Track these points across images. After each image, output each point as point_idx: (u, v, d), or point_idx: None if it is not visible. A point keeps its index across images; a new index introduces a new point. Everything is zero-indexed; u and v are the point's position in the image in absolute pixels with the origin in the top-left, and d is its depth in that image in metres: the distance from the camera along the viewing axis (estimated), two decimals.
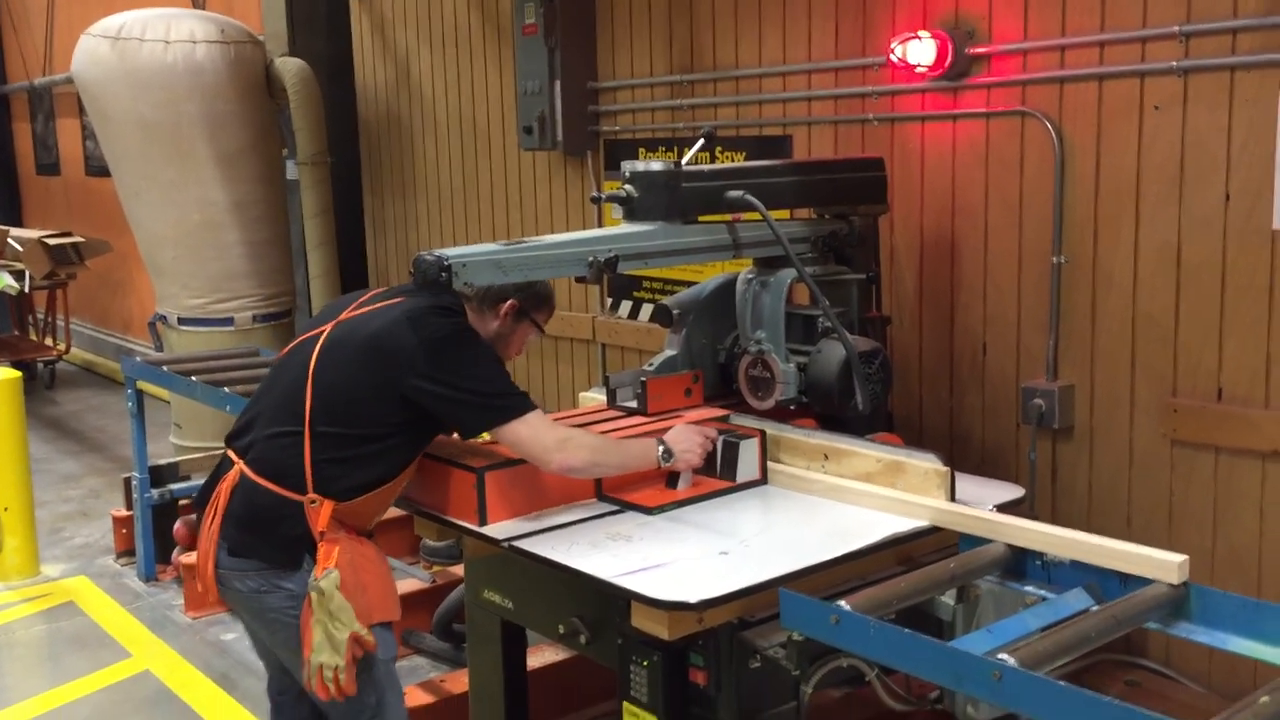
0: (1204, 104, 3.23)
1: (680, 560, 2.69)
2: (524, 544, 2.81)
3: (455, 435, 3.02)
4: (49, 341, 10.56)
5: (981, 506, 2.87)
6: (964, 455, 3.87)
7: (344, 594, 2.73)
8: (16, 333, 11.27)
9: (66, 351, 10.56)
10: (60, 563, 5.95)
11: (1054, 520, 3.63)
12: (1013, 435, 3.78)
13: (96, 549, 6.13)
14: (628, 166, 3.12)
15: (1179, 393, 3.36)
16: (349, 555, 2.80)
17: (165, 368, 5.22)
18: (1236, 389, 3.25)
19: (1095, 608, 2.45)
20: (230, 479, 2.88)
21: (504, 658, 3.32)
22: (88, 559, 6.01)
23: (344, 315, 2.99)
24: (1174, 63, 3.24)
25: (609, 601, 2.72)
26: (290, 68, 6.35)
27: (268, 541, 2.83)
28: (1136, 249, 3.42)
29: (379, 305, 2.96)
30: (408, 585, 4.85)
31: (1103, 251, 3.50)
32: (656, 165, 3.10)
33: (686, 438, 3.05)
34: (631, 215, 3.11)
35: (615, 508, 3.02)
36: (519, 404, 2.85)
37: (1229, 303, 3.24)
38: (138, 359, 5.52)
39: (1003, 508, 2.95)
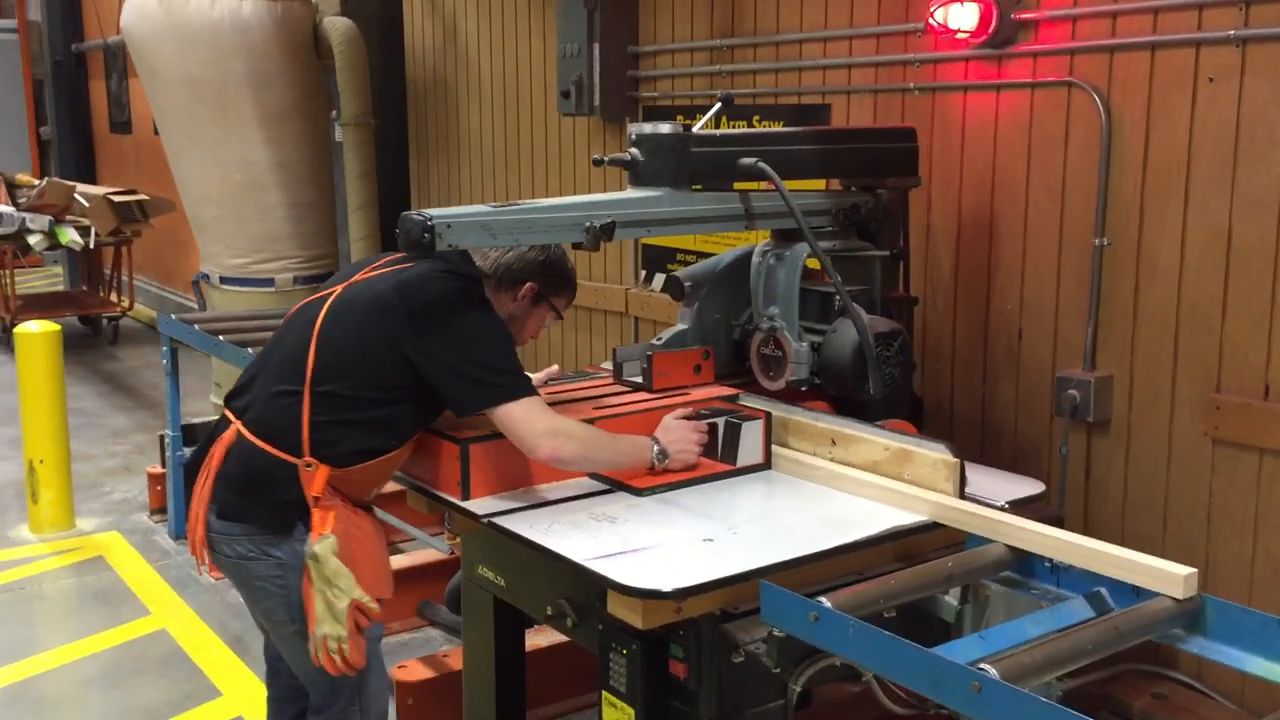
0: (1263, 76, 2.98)
1: (663, 545, 2.54)
2: (503, 520, 2.68)
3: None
4: (114, 298, 10.70)
5: (994, 502, 2.68)
6: (995, 447, 3.68)
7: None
8: (84, 288, 11.45)
9: (130, 308, 10.69)
10: (96, 517, 5.98)
11: (1086, 519, 3.44)
12: (1046, 427, 3.57)
13: (133, 505, 6.16)
14: (634, 129, 2.96)
15: (1223, 388, 3.13)
16: (343, 524, 2.71)
17: (197, 326, 5.19)
18: None
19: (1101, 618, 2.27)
20: (226, 439, 2.79)
21: (496, 636, 3.21)
22: (123, 514, 6.03)
23: (357, 277, 2.90)
24: (1232, 31, 3.01)
25: (592, 585, 2.59)
26: (338, 27, 6.27)
27: (260, 505, 2.73)
28: (1184, 232, 3.19)
29: (393, 268, 2.86)
30: (426, 555, 4.79)
31: (1148, 234, 3.27)
32: (665, 127, 2.94)
33: (682, 436, 2.91)
34: (636, 180, 2.95)
35: (605, 487, 2.88)
36: (517, 385, 2.71)
37: None
38: (173, 316, 5.50)
39: (1019, 504, 2.76)
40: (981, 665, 1.93)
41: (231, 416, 2.83)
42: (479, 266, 2.92)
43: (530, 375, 2.87)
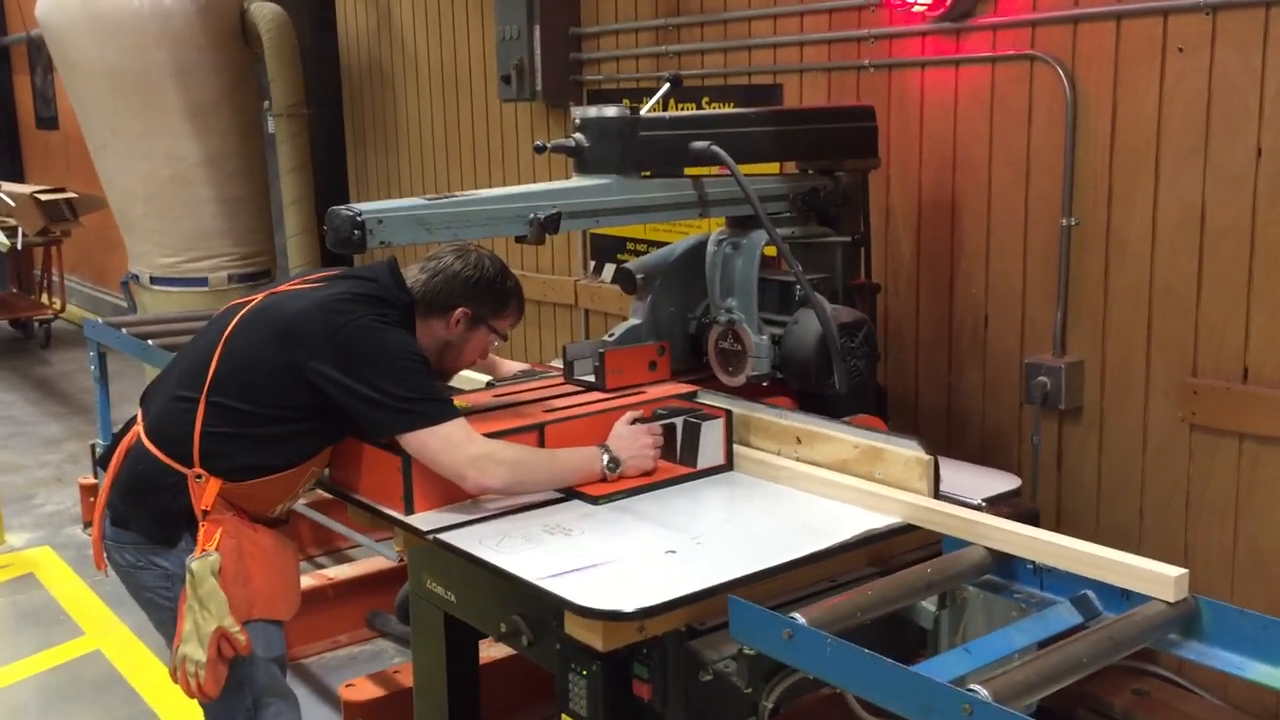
0: (1234, 45, 2.85)
1: (621, 559, 2.37)
2: (449, 537, 2.50)
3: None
4: (45, 300, 10.35)
5: (970, 500, 2.54)
6: (962, 437, 3.55)
7: (222, 582, 2.48)
8: (14, 290, 11.08)
9: (62, 310, 10.34)
10: (27, 531, 5.73)
11: (1059, 510, 3.32)
12: (1015, 416, 3.44)
13: (66, 518, 5.91)
14: (578, 113, 2.78)
15: (1200, 372, 3.02)
16: (235, 540, 2.55)
17: (125, 330, 4.94)
18: (1264, 369, 2.90)
19: (1092, 624, 2.13)
20: (127, 441, 2.68)
21: (448, 653, 3.04)
22: (55, 528, 5.78)
23: (280, 288, 2.73)
24: None
25: (547, 603, 2.41)
26: (265, 13, 6.01)
27: (145, 513, 2.60)
28: (1155, 211, 3.06)
29: (312, 285, 2.69)
30: (374, 564, 4.60)
31: (1117, 213, 3.14)
32: (611, 111, 2.77)
33: (634, 441, 2.73)
34: (582, 167, 2.78)
35: (559, 495, 2.70)
36: (432, 411, 2.52)
37: (1258, 273, 2.88)
38: (100, 320, 5.25)
39: (995, 501, 2.63)
40: (972, 686, 1.79)
41: (140, 417, 2.70)
42: (409, 287, 2.72)
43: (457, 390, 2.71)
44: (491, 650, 3.50)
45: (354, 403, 2.51)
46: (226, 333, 2.63)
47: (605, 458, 2.68)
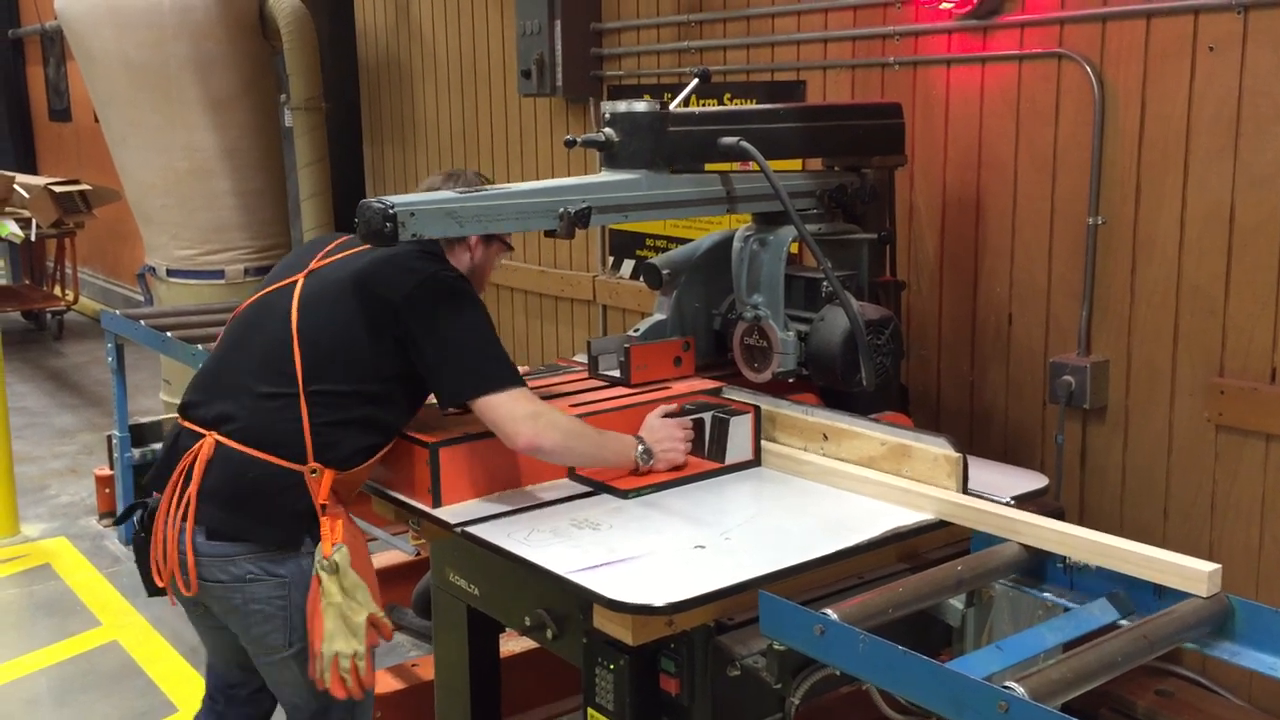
0: (1266, 44, 2.84)
1: (651, 554, 2.37)
2: (478, 530, 2.50)
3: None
4: (58, 292, 10.36)
5: (998, 497, 2.54)
6: (985, 437, 3.53)
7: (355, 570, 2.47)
8: (27, 282, 11.10)
9: (75, 302, 10.36)
10: (42, 522, 5.74)
11: (1082, 510, 3.31)
12: (1039, 415, 3.43)
13: (81, 509, 5.92)
14: (608, 107, 2.78)
15: (1226, 372, 3.00)
16: (349, 532, 2.53)
17: (143, 322, 4.95)
18: None
19: (1124, 622, 2.13)
20: (203, 453, 2.51)
21: (470, 647, 3.03)
22: (70, 519, 5.79)
23: (315, 264, 2.69)
24: None
25: (574, 596, 2.41)
26: (285, 6, 6.01)
27: (262, 520, 2.50)
28: (1183, 210, 3.05)
29: (356, 251, 2.67)
30: (390, 557, 4.59)
31: (1145, 212, 3.13)
32: (640, 106, 2.76)
33: (667, 435, 2.74)
34: (612, 162, 2.77)
35: (587, 489, 2.71)
36: (505, 374, 2.55)
37: None
38: (117, 312, 5.26)
39: (1023, 499, 2.62)
40: (1008, 684, 1.78)
41: (199, 428, 2.57)
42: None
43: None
44: (511, 644, 3.50)
45: (436, 366, 2.52)
46: (294, 319, 2.57)
47: (640, 448, 2.68)
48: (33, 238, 9.42)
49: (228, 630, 2.66)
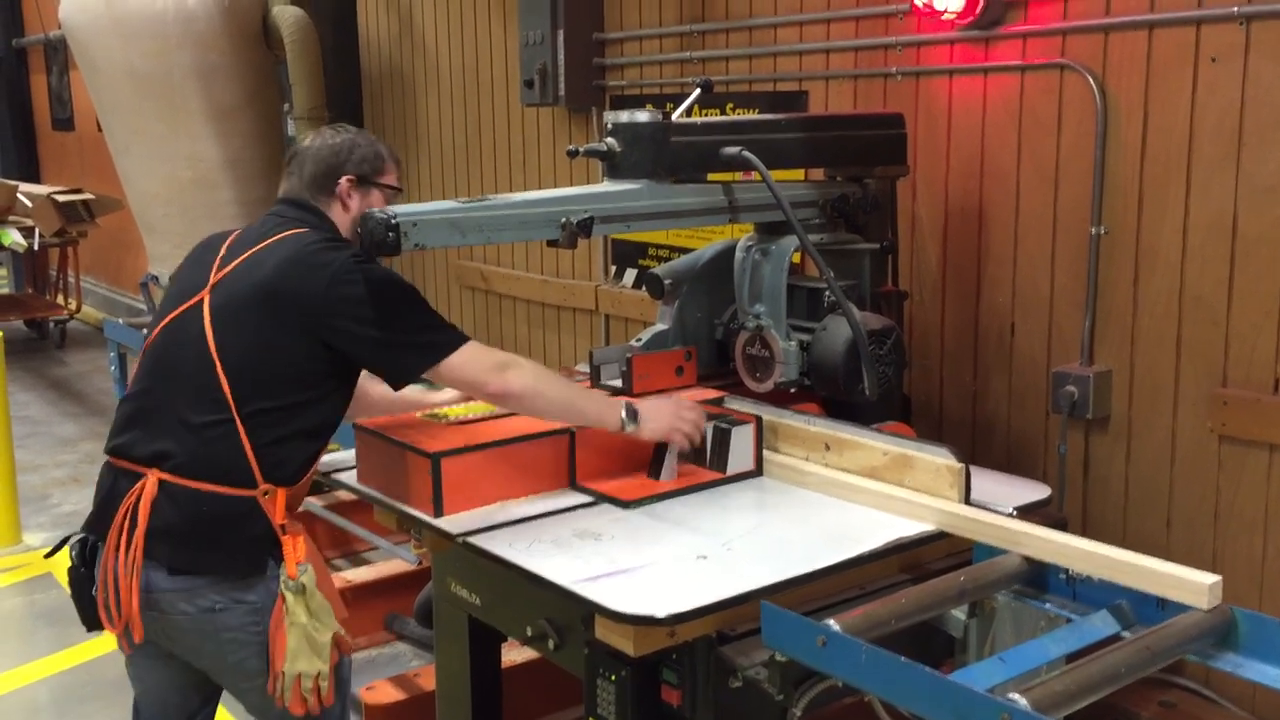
0: (1269, 55, 2.84)
1: (652, 564, 2.37)
2: (479, 540, 2.50)
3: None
4: (60, 300, 10.38)
5: (1000, 508, 2.53)
6: (987, 446, 3.53)
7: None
8: (29, 290, 11.12)
9: (78, 310, 10.38)
10: (44, 531, 5.73)
11: (1085, 520, 3.30)
12: (1042, 425, 3.43)
13: (82, 517, 5.79)
14: (610, 117, 2.78)
15: (1230, 383, 3.00)
16: (310, 547, 2.49)
17: (145, 331, 4.94)
18: None
19: (1127, 634, 2.12)
20: (146, 493, 2.39)
21: (472, 657, 3.03)
22: (73, 527, 5.62)
23: (214, 279, 2.52)
24: (1235, 8, 2.87)
25: (576, 606, 2.41)
26: (288, 17, 6.02)
27: (222, 550, 2.43)
28: (1186, 220, 3.05)
29: (251, 251, 2.53)
30: (392, 566, 4.59)
31: (1147, 222, 3.13)
32: (642, 116, 2.76)
33: (660, 410, 2.70)
34: (614, 172, 2.78)
35: (589, 499, 2.70)
36: (452, 338, 2.50)
37: None
38: (120, 321, 5.27)
39: (1025, 510, 2.61)
40: (1011, 695, 1.78)
41: (135, 466, 2.45)
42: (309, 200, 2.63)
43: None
44: (512, 654, 3.50)
45: (376, 352, 2.46)
46: (210, 340, 2.44)
47: (624, 410, 2.64)
48: (35, 246, 9.44)
49: (175, 660, 2.56)
